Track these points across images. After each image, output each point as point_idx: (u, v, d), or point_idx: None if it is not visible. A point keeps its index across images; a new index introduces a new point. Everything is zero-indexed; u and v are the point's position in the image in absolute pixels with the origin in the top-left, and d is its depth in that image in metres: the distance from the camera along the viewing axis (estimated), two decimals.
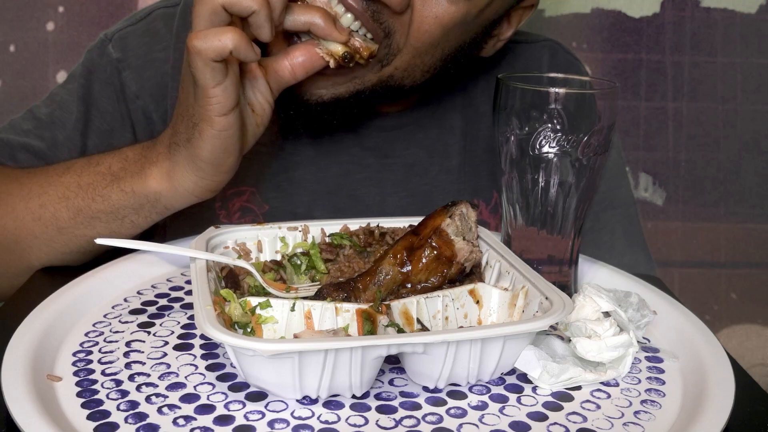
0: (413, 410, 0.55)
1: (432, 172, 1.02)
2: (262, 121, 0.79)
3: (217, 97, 0.70)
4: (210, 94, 0.70)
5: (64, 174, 0.84)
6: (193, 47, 0.67)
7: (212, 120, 0.72)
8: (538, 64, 1.07)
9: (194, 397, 0.56)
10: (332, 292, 0.63)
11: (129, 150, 0.82)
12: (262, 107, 0.78)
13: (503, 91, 0.70)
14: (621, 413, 0.56)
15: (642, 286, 0.75)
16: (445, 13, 0.82)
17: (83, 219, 0.82)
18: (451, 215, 0.67)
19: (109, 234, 0.81)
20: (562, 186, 0.70)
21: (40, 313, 0.64)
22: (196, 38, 0.67)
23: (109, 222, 0.81)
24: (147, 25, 1.01)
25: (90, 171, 0.83)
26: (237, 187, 0.99)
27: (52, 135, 0.94)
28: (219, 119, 0.71)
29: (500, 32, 0.94)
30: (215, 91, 0.70)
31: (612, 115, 0.69)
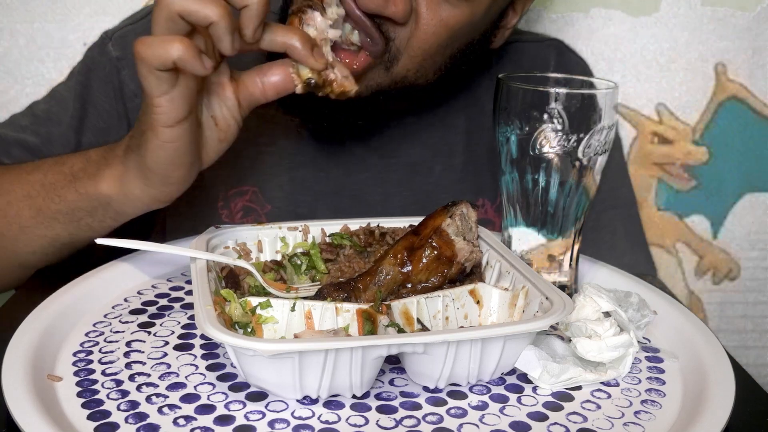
0: (413, 410, 0.55)
1: (436, 171, 1.02)
2: (226, 137, 0.75)
3: (162, 107, 0.67)
4: (155, 103, 0.67)
5: (32, 172, 0.83)
6: (137, 54, 0.64)
7: (156, 130, 0.68)
8: (544, 63, 1.07)
9: (194, 397, 0.56)
10: (332, 292, 0.63)
11: (93, 151, 0.80)
12: (227, 122, 0.74)
13: (504, 91, 0.70)
14: (621, 413, 0.56)
15: (642, 286, 0.75)
16: (450, 16, 0.82)
17: (43, 219, 0.80)
18: (451, 215, 0.67)
19: (68, 237, 0.80)
20: (562, 186, 0.70)
21: (40, 313, 0.64)
22: (141, 44, 0.64)
23: (66, 224, 0.80)
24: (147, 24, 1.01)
25: (55, 170, 0.81)
26: (239, 187, 0.99)
27: (47, 131, 0.94)
28: (164, 130, 0.68)
29: (507, 22, 0.94)
30: (160, 101, 0.67)
31: (612, 115, 0.69)
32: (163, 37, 0.64)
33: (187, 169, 0.72)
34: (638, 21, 1.33)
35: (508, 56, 1.07)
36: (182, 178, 0.73)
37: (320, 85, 0.71)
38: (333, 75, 0.71)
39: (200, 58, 0.64)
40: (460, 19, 0.82)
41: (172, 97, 0.67)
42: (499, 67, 1.05)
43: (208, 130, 0.74)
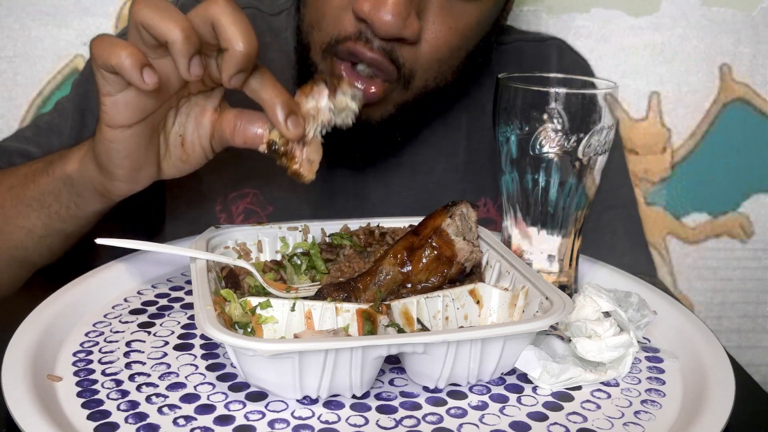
0: (413, 410, 0.55)
1: (438, 170, 1.02)
2: (189, 159, 0.74)
3: (105, 106, 0.67)
4: (101, 100, 0.67)
5: (23, 166, 0.84)
6: (90, 48, 0.64)
7: (101, 126, 0.69)
8: (546, 62, 1.07)
9: (194, 397, 0.56)
10: (332, 292, 0.63)
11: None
12: (193, 147, 0.73)
13: (503, 91, 0.70)
14: (621, 413, 0.56)
15: (642, 286, 0.75)
16: (459, 22, 0.82)
17: (21, 208, 0.80)
18: (451, 215, 0.67)
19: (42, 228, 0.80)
20: (562, 186, 0.70)
21: (40, 313, 0.64)
22: (97, 41, 0.64)
23: (38, 210, 0.80)
24: None
25: (40, 161, 0.82)
26: (239, 189, 0.99)
27: (48, 141, 0.96)
28: (105, 128, 0.68)
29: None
30: (104, 100, 0.67)
31: (612, 115, 0.69)
32: (117, 41, 0.63)
33: (129, 171, 0.71)
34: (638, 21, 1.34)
35: (510, 56, 1.07)
36: (126, 178, 0.71)
37: (280, 153, 0.68)
38: (298, 153, 0.68)
39: (139, 70, 0.62)
40: (469, 22, 0.82)
41: (115, 100, 0.66)
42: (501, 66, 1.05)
43: (173, 146, 0.73)
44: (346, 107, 0.69)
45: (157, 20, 0.62)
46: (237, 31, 0.63)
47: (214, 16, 0.62)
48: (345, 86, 0.69)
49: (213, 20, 0.63)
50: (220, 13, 0.62)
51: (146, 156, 0.71)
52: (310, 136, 0.68)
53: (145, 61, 0.62)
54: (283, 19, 1.04)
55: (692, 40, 1.35)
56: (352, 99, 0.69)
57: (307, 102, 0.69)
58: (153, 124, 0.70)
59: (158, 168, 0.74)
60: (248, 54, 0.63)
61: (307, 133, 0.68)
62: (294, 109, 0.67)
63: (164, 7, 0.62)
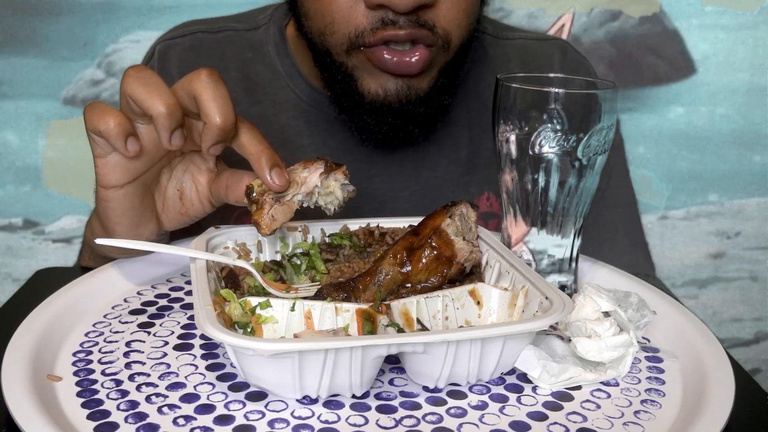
0: (413, 410, 0.55)
1: (441, 165, 1.03)
2: (188, 212, 0.77)
3: (98, 167, 0.71)
4: (94, 161, 0.71)
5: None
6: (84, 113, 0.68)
7: (96, 186, 0.72)
8: (548, 62, 1.07)
9: (194, 396, 0.56)
10: (332, 292, 0.63)
11: None
12: (191, 201, 0.76)
13: (503, 91, 0.70)
14: (621, 413, 0.56)
15: (642, 286, 0.75)
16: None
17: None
18: (450, 215, 0.67)
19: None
20: (562, 186, 0.70)
21: (40, 313, 0.64)
22: (89, 107, 0.68)
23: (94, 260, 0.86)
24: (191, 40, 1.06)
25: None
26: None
27: None
28: (100, 189, 0.72)
29: None
30: (96, 162, 0.71)
31: (612, 115, 0.69)
32: (107, 108, 0.67)
33: (128, 228, 0.74)
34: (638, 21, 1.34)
35: (513, 53, 1.07)
36: (126, 235, 0.74)
37: (251, 200, 0.69)
38: (267, 206, 0.68)
39: (123, 139, 0.66)
40: None
41: (106, 162, 0.70)
42: (504, 62, 1.06)
43: (172, 201, 0.76)
44: (332, 192, 0.70)
45: (144, 95, 0.65)
46: (214, 107, 0.66)
47: (195, 91, 0.66)
48: (340, 174, 0.71)
49: (194, 95, 0.66)
50: (201, 89, 0.66)
51: (142, 213, 0.74)
52: (286, 198, 0.69)
53: (130, 130, 0.67)
54: (262, 33, 1.06)
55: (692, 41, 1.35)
56: (341, 188, 0.71)
57: (301, 172, 0.70)
58: (145, 184, 0.73)
59: (158, 222, 0.76)
60: (224, 128, 0.66)
61: (286, 193, 0.69)
62: (278, 163, 0.69)
63: (152, 82, 0.66)
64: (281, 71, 1.03)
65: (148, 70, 0.68)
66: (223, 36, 1.06)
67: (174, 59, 1.04)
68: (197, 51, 1.05)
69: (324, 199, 0.71)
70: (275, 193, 0.68)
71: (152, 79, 0.66)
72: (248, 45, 1.05)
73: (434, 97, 0.91)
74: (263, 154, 0.68)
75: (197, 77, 0.66)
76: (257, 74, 1.04)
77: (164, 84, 0.67)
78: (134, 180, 0.72)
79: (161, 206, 0.76)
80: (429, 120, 0.94)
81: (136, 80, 0.66)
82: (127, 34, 1.32)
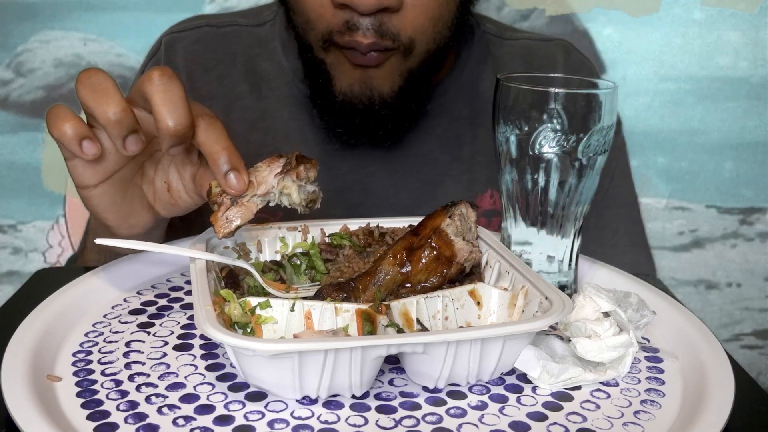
0: (413, 410, 0.55)
1: (443, 161, 1.03)
2: (177, 203, 0.75)
3: (69, 169, 0.70)
4: (66, 163, 0.70)
5: None
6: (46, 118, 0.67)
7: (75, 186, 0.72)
8: (552, 62, 1.08)
9: (194, 397, 0.56)
10: (332, 293, 0.63)
11: None
12: (179, 193, 0.75)
13: (503, 91, 0.70)
14: (621, 413, 0.56)
15: (642, 286, 0.75)
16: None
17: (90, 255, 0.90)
18: (450, 215, 0.67)
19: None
20: (562, 186, 0.70)
21: (40, 313, 0.64)
22: (50, 112, 0.66)
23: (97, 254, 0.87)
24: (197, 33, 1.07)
25: None
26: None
27: None
28: (77, 188, 0.71)
29: None
30: (66, 164, 0.70)
31: (612, 115, 0.69)
32: (64, 113, 0.65)
33: (118, 221, 0.73)
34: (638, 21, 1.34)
35: (517, 53, 1.07)
36: (118, 226, 0.74)
37: (211, 199, 0.67)
38: (223, 208, 0.66)
39: (78, 143, 0.64)
40: None
41: (74, 164, 0.69)
42: (508, 63, 1.06)
43: (161, 192, 0.75)
44: (289, 194, 0.67)
45: (92, 102, 0.63)
46: (165, 111, 0.63)
47: (146, 94, 0.64)
48: (303, 173, 0.66)
49: (147, 98, 0.64)
50: (152, 92, 0.63)
51: (129, 206, 0.73)
52: (244, 200, 0.66)
53: (85, 133, 0.64)
54: (268, 29, 1.06)
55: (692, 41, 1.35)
56: (298, 190, 0.66)
57: (263, 170, 0.67)
58: (123, 181, 0.72)
59: (152, 212, 0.76)
60: (177, 132, 0.64)
61: (244, 195, 0.66)
62: (237, 165, 0.65)
63: (102, 88, 0.63)
64: (286, 67, 1.04)
65: (100, 74, 0.65)
66: (230, 30, 1.07)
67: (180, 52, 1.05)
68: (204, 44, 1.06)
69: (288, 198, 0.67)
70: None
71: (102, 84, 0.64)
72: (255, 41, 1.06)
73: (398, 102, 0.91)
74: (221, 155, 0.65)
75: (149, 79, 0.63)
76: (263, 70, 1.05)
77: (115, 88, 0.64)
78: (108, 179, 0.70)
79: (152, 197, 0.75)
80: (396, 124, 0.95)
81: (86, 86, 0.64)
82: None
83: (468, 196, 1.01)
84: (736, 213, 1.44)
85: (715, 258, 1.47)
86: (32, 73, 1.31)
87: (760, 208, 1.44)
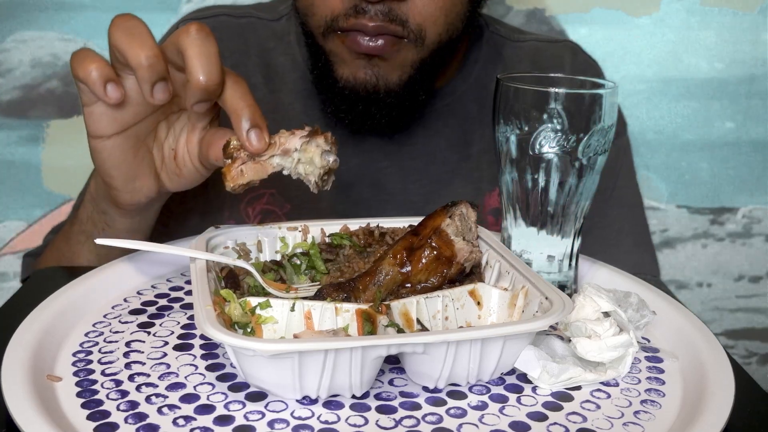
0: (413, 410, 0.55)
1: (452, 160, 1.03)
2: (182, 174, 0.75)
3: (86, 117, 0.69)
4: (82, 110, 0.70)
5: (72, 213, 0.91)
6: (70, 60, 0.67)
7: (88, 137, 0.71)
8: (560, 63, 1.08)
9: (194, 397, 0.56)
10: (332, 293, 0.63)
11: None
12: (184, 162, 0.74)
13: (503, 91, 0.70)
14: (621, 413, 0.56)
15: (642, 286, 0.75)
16: None
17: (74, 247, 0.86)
18: (450, 215, 0.67)
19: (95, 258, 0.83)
20: (562, 186, 0.70)
21: (40, 313, 0.64)
22: (75, 54, 0.66)
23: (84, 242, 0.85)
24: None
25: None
26: (254, 191, 0.99)
27: None
28: (89, 138, 0.71)
29: None
30: (83, 110, 0.69)
31: (612, 115, 0.69)
32: (90, 55, 0.65)
33: (123, 181, 0.73)
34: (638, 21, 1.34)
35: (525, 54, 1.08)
36: (123, 188, 0.73)
37: (228, 153, 0.67)
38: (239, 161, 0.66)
39: (103, 85, 0.64)
40: None
41: (92, 111, 0.69)
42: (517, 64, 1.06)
43: (168, 159, 0.75)
44: (310, 160, 0.67)
45: (125, 45, 0.63)
46: (199, 65, 0.63)
47: (181, 46, 0.64)
48: (323, 141, 0.67)
49: (181, 50, 0.64)
50: (187, 44, 0.63)
51: (138, 167, 0.73)
52: (263, 158, 0.66)
53: (110, 76, 0.64)
54: (284, 24, 1.07)
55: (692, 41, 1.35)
56: (321, 155, 0.67)
57: (286, 134, 0.67)
58: (137, 137, 0.72)
59: (157, 179, 0.75)
60: (207, 87, 0.64)
61: (263, 154, 0.66)
62: (260, 123, 0.66)
63: (137, 32, 0.64)
64: (300, 61, 1.04)
65: (135, 19, 0.65)
66: (246, 22, 1.07)
67: None
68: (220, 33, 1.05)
69: (304, 168, 0.67)
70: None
71: (137, 29, 0.64)
72: (271, 34, 1.06)
73: (406, 92, 0.91)
74: (244, 112, 0.65)
75: (186, 32, 0.63)
76: (277, 63, 1.05)
77: (149, 34, 0.64)
78: (123, 131, 0.70)
79: (160, 163, 0.75)
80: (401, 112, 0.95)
81: (121, 29, 0.64)
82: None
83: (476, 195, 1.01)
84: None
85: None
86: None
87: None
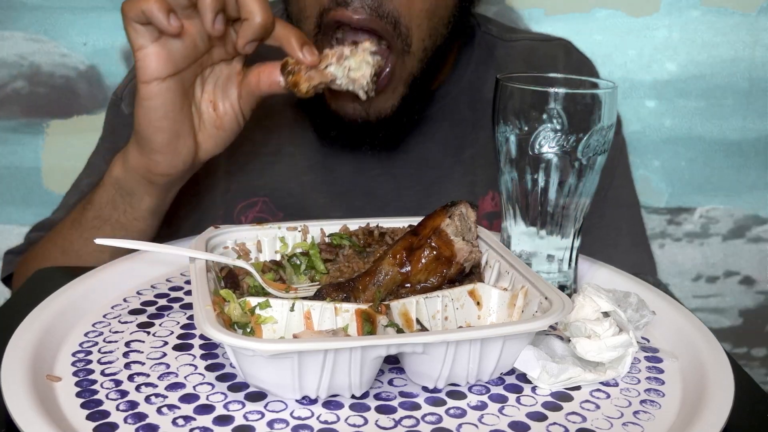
0: (413, 410, 0.55)
1: (445, 164, 1.03)
2: (222, 124, 0.80)
3: (140, 61, 0.73)
4: (136, 56, 0.73)
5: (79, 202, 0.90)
6: (122, 8, 0.71)
7: (139, 86, 0.74)
8: (553, 61, 1.08)
9: (194, 397, 0.56)
10: (332, 293, 0.63)
11: None
12: (224, 110, 0.80)
13: (502, 91, 0.70)
14: (620, 413, 0.56)
15: (641, 286, 0.75)
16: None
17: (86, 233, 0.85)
18: (450, 215, 0.67)
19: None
20: (562, 186, 0.70)
21: (40, 313, 0.64)
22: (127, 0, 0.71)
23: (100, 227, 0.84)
24: None
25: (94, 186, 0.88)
26: (248, 199, 0.99)
27: None
28: (143, 86, 0.74)
29: None
30: (137, 55, 0.73)
31: (612, 115, 0.69)
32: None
33: (169, 135, 0.76)
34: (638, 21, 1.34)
35: (518, 54, 1.08)
36: (165, 147, 0.77)
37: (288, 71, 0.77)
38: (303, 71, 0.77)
39: (167, 15, 0.70)
40: None
41: (147, 52, 0.72)
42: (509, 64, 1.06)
43: (206, 114, 0.79)
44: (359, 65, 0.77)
45: None
46: (257, 5, 0.72)
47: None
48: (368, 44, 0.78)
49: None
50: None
51: (182, 120, 0.76)
52: (321, 66, 0.77)
53: (170, 7, 0.70)
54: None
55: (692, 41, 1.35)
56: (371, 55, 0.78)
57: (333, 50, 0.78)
58: (184, 85, 0.76)
59: (195, 141, 0.78)
60: (264, 25, 0.73)
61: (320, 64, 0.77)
62: (307, 41, 0.76)
63: None
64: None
65: None
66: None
67: None
68: None
69: (355, 73, 0.77)
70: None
71: None
72: None
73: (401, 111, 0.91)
74: (294, 35, 0.75)
75: None
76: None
77: None
78: (175, 74, 0.74)
79: (197, 121, 0.79)
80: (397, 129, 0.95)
81: None
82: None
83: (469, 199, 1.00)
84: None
85: None
86: None
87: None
